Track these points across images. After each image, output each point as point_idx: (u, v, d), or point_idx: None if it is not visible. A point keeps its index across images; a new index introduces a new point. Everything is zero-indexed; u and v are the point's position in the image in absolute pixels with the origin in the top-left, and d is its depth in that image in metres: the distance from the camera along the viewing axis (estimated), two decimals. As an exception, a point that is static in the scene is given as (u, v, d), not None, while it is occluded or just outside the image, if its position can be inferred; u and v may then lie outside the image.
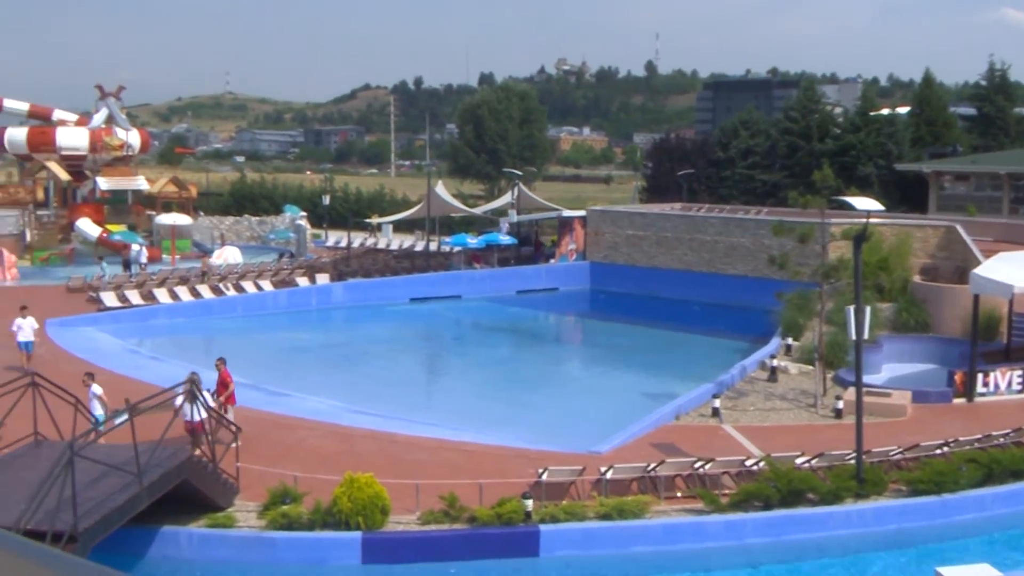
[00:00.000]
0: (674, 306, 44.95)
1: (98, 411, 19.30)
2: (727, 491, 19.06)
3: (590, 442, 21.77)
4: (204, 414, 18.48)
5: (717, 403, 25.17)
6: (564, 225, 53.15)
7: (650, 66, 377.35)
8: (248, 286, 44.29)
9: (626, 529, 17.68)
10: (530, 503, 17.51)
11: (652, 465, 19.23)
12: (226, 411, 21.11)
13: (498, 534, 17.17)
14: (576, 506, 18.02)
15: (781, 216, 41.90)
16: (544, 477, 18.67)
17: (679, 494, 19.09)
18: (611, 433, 22.54)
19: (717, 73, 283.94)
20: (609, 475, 18.97)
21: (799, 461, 19.83)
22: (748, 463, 19.88)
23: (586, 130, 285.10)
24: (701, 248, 46.25)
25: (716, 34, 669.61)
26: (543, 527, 17.40)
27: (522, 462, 20.20)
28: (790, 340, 32.44)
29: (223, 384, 21.71)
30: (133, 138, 58.38)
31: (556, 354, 40.24)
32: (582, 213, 53.39)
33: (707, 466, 19.47)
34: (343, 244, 60.57)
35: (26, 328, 28.32)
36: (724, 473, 19.61)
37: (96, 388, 19.61)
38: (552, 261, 52.82)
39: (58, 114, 75.58)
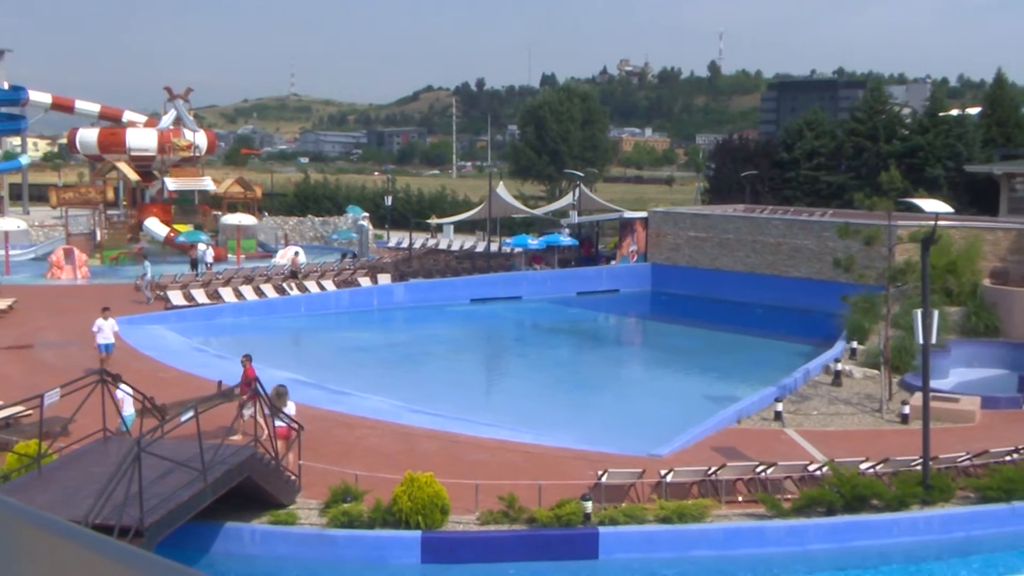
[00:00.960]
0: (736, 308, 44.58)
1: (128, 411, 19.33)
2: (789, 496, 18.84)
3: (650, 445, 21.66)
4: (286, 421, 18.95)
5: (780, 407, 24.88)
6: (625, 226, 52.95)
7: (713, 66, 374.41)
8: (311, 286, 44.77)
9: (686, 533, 17.55)
10: (589, 505, 17.45)
11: (713, 469, 19.06)
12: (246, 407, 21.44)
13: (557, 536, 17.15)
14: (636, 509, 17.92)
15: (847, 218, 41.27)
16: (604, 479, 18.60)
17: (740, 498, 18.90)
18: (671, 436, 22.40)
19: (782, 73, 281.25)
20: (669, 478, 18.84)
21: (864, 467, 19.52)
22: (811, 468, 19.63)
23: (648, 131, 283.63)
24: (764, 250, 45.77)
25: (781, 34, 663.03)
26: (602, 529, 17.34)
27: (582, 464, 20.15)
28: (855, 344, 31.98)
29: (247, 382, 21.79)
30: (200, 139, 59.28)
31: (616, 356, 40.09)
32: (643, 214, 53.15)
33: (769, 470, 19.25)
34: (405, 245, 60.95)
35: (107, 330, 27.92)
36: (786, 478, 19.38)
37: (125, 388, 19.34)
38: (613, 262, 52.66)
39: (128, 115, 77.13)
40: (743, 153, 70.42)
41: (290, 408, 19.75)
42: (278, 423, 18.75)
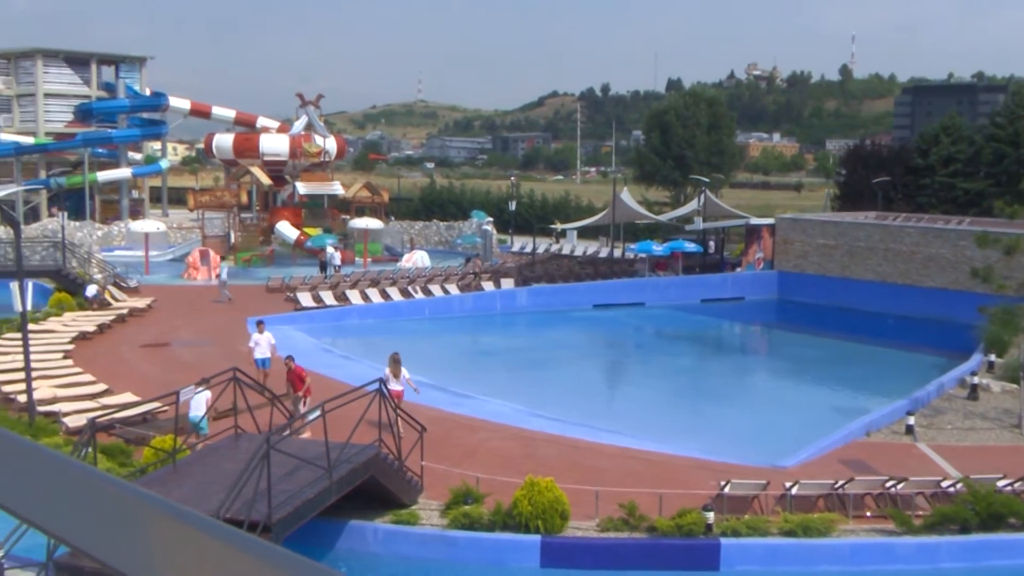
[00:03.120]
0: (867, 318, 43.41)
1: (195, 412, 19.55)
2: (920, 512, 18.22)
3: (775, 456, 21.24)
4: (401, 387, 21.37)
5: (911, 420, 24.09)
6: (751, 233, 52.10)
7: (845, 70, 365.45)
8: (435, 289, 45.33)
9: (811, 547, 17.14)
10: (711, 515, 17.21)
11: (840, 482, 18.57)
12: (305, 403, 21.86)
13: (678, 545, 16.95)
14: (759, 521, 17.59)
15: (985, 226, 39.77)
16: (727, 490, 18.31)
17: (868, 513, 18.37)
18: (797, 447, 21.92)
19: (917, 77, 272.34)
20: (795, 491, 18.44)
21: (1001, 484, 18.74)
22: (944, 484, 18.94)
23: (776, 136, 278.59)
24: (897, 258, 44.46)
25: (916, 37, 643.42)
26: (724, 540, 17.08)
27: (704, 473, 19.88)
28: (993, 357, 30.79)
29: (299, 379, 22.13)
30: (330, 144, 60.58)
31: (741, 364, 39.47)
32: (770, 221, 52.21)
33: (899, 486, 18.65)
34: (528, 250, 61.19)
35: (263, 344, 26.93)
36: (918, 494, 18.74)
37: (199, 390, 19.68)
38: (738, 269, 51.88)
39: (262, 121, 79.40)
40: (875, 159, 68.50)
41: (406, 374, 22.27)
42: (395, 387, 21.21)
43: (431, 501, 18.18)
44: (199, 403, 19.68)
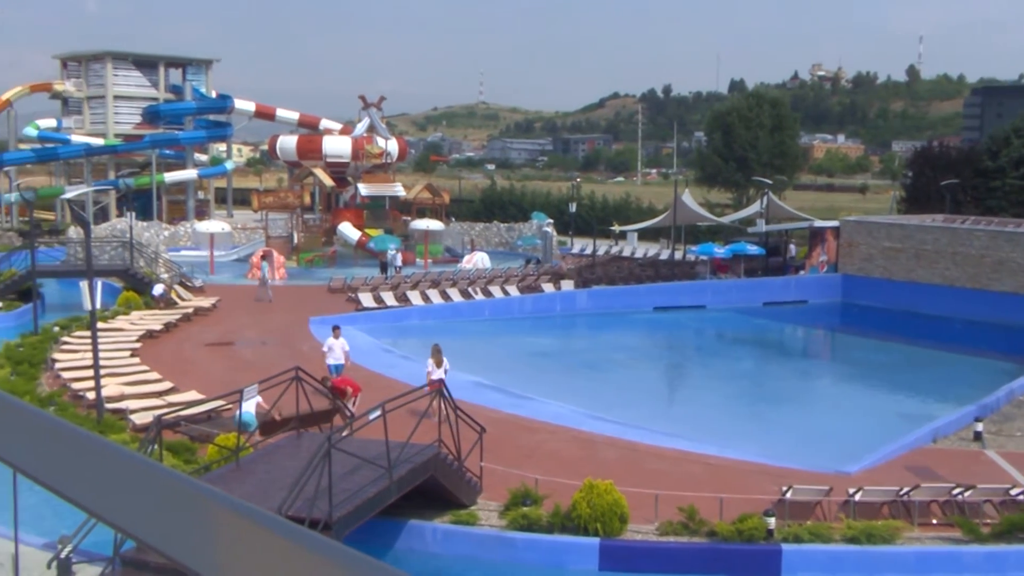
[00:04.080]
0: (933, 322, 42.66)
1: (248, 412, 19.58)
2: (989, 521, 17.84)
3: (838, 462, 20.94)
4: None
5: (980, 427, 23.61)
6: (815, 236, 51.47)
7: (912, 71, 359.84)
8: (495, 291, 45.41)
9: (875, 555, 16.87)
10: (773, 521, 17.01)
11: (905, 489, 18.25)
12: (355, 402, 22.06)
13: (738, 551, 16.79)
14: (821, 527, 17.36)
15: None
16: (788, 495, 18.09)
17: (934, 521, 18.03)
18: (861, 453, 21.59)
19: (987, 78, 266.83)
20: (858, 497, 18.16)
21: (1073, 494, 18.30)
22: (1014, 492, 18.54)
23: (841, 137, 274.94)
24: (965, 262, 43.63)
25: (986, 38, 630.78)
26: (785, 546, 16.87)
27: (765, 478, 19.67)
28: (1064, 363, 30.08)
29: (341, 392, 21.95)
30: (392, 146, 61.00)
31: (804, 368, 38.99)
32: (835, 223, 51.54)
33: (967, 493, 18.28)
34: (588, 251, 61.06)
35: (336, 350, 26.50)
36: (986, 501, 18.35)
37: (251, 391, 19.77)
38: (801, 273, 51.29)
39: (325, 123, 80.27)
40: (943, 161, 67.29)
41: (446, 364, 23.40)
42: (437, 376, 22.56)
43: (490, 502, 18.21)
44: (250, 403, 19.92)
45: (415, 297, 43.28)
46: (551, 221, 65.21)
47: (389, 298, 42.54)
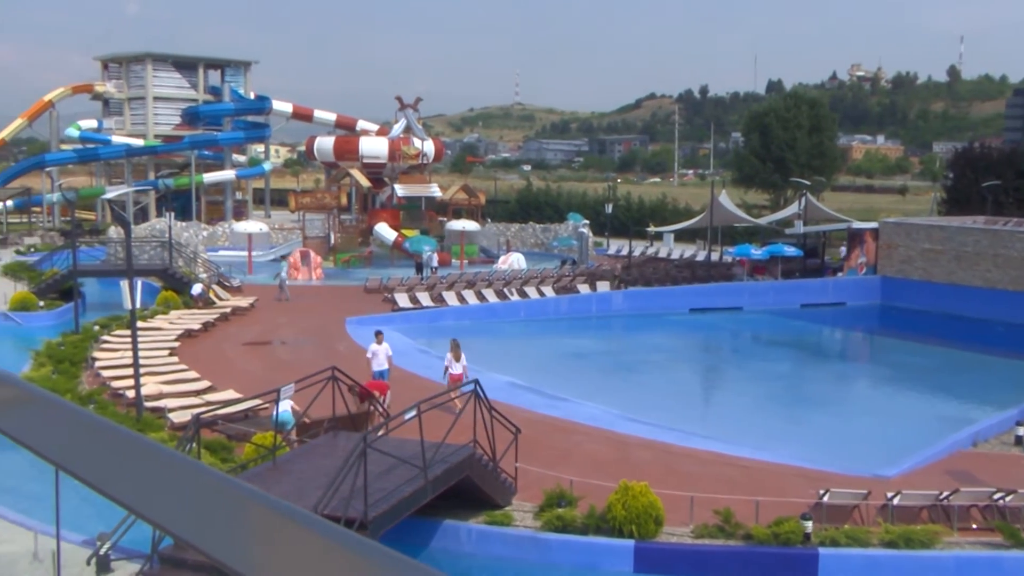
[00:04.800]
0: (974, 325, 42.16)
1: (284, 411, 19.57)
2: (1030, 527, 17.59)
3: (876, 465, 20.74)
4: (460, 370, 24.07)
5: (1021, 431, 23.30)
6: (854, 237, 51.04)
7: (953, 71, 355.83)
8: (531, 291, 45.40)
9: (914, 559, 16.69)
10: (809, 524, 16.88)
11: (945, 493, 18.04)
12: (385, 400, 22.07)
13: (774, 554, 16.68)
14: (859, 531, 17.20)
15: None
16: (826, 499, 17.93)
17: (975, 526, 17.81)
18: (899, 457, 21.38)
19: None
20: (896, 501, 17.97)
21: (1116, 500, 18.00)
22: (1055, 499, 18.27)
23: (880, 138, 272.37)
24: (1007, 265, 43.06)
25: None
26: (822, 550, 16.74)
27: (801, 482, 19.52)
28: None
29: (369, 394, 21.76)
30: (428, 147, 61.17)
31: (841, 371, 38.67)
32: (874, 225, 51.08)
33: (1008, 498, 18.03)
34: (624, 252, 60.91)
35: (380, 355, 25.94)
36: (1027, 508, 18.11)
37: (287, 392, 19.72)
38: (839, 274, 50.87)
39: (361, 124, 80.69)
40: (985, 162, 66.48)
41: (464, 360, 24.77)
42: (454, 370, 24.40)
43: (524, 503, 18.20)
44: (286, 403, 19.97)
45: (451, 298, 43.36)
46: (587, 222, 65.09)
47: (425, 298, 42.66)
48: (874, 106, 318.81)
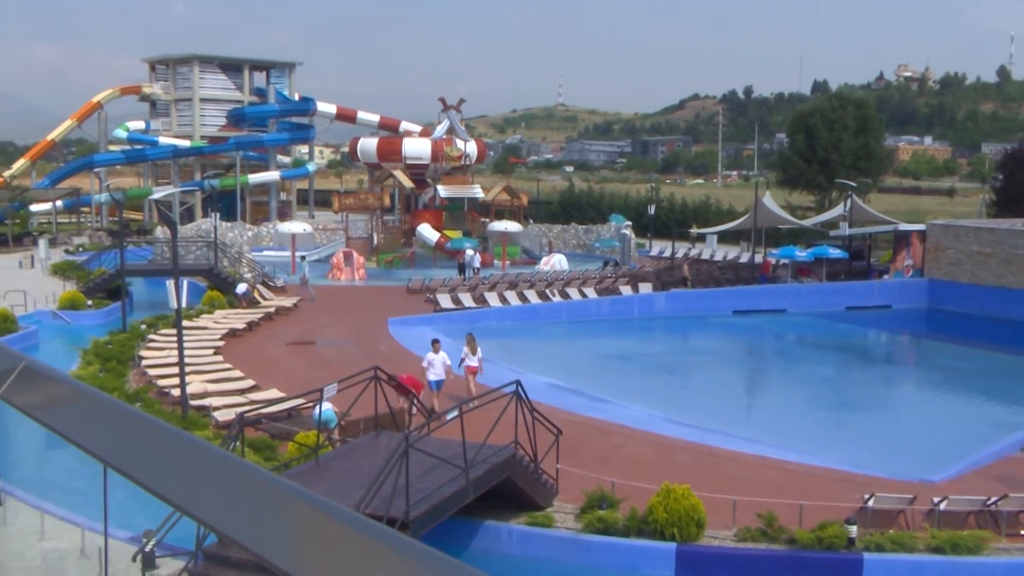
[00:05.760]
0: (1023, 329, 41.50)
1: (328, 409, 19.56)
2: (1080, 535, 17.29)
3: (922, 470, 20.48)
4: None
5: (1071, 437, 22.92)
6: (900, 239, 50.45)
7: (1003, 71, 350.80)
8: (573, 293, 45.35)
9: (960, 565, 16.46)
10: (854, 529, 16.71)
11: (993, 499, 17.78)
12: (420, 393, 21.95)
13: (818, 559, 16.52)
14: (905, 536, 16.99)
15: None
16: (871, 503, 17.75)
17: (1023, 532, 17.54)
18: (946, 462, 21.11)
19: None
20: (943, 506, 17.74)
21: None
22: (1107, 506, 17.94)
23: (928, 139, 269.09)
24: (1058, 267, 42.37)
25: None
26: (867, 555, 16.56)
27: (846, 486, 19.32)
28: None
29: (407, 389, 21.66)
30: (471, 148, 61.28)
31: (887, 375, 38.21)
32: (921, 227, 50.47)
33: (1057, 505, 17.75)
34: (667, 254, 60.64)
35: (438, 365, 24.93)
36: (1077, 515, 17.80)
37: (330, 392, 19.60)
38: (885, 277, 50.31)
39: (404, 125, 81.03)
40: (1035, 163, 65.38)
41: (480, 353, 25.70)
42: (471, 363, 25.42)
43: (566, 504, 18.18)
44: (326, 402, 20.04)
45: (493, 298, 43.42)
46: (629, 223, 64.93)
47: (467, 299, 42.74)
48: (922, 107, 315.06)
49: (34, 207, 72.36)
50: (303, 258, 49.51)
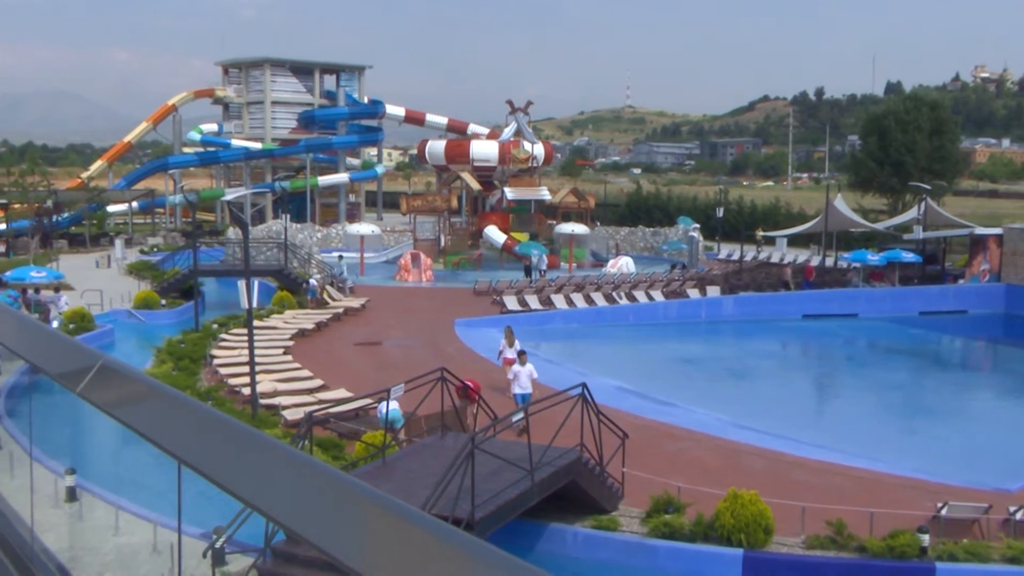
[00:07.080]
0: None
1: (391, 408, 19.56)
2: None
3: (998, 478, 20.03)
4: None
5: None
6: (976, 244, 49.39)
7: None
8: (640, 295, 45.13)
9: (1037, 578, 16.06)
10: (927, 538, 16.38)
11: (1071, 511, 17.33)
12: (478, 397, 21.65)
13: (889, 567, 16.23)
14: (979, 546, 16.61)
15: None
16: (944, 512, 17.39)
17: (1103, 546, 17.05)
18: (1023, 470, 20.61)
19: None
20: (1020, 515, 17.32)
21: None
22: None
23: (1006, 142, 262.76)
24: None
25: None
26: (940, 565, 16.22)
27: (918, 494, 18.96)
28: None
29: (469, 395, 21.50)
30: (538, 151, 61.29)
31: (962, 381, 37.41)
32: (998, 231, 49.35)
33: None
34: (735, 257, 60.07)
35: (523, 377, 23.80)
36: None
37: (397, 391, 19.43)
38: (961, 282, 49.29)
39: (472, 128, 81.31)
40: (1118, 165, 63.61)
41: (517, 345, 26.22)
42: (509, 354, 26.25)
43: (631, 508, 18.09)
44: (393, 402, 20.13)
45: (559, 301, 43.37)
46: (697, 226, 64.40)
47: (533, 301, 42.75)
48: (999, 108, 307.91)
49: (111, 208, 73.93)
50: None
